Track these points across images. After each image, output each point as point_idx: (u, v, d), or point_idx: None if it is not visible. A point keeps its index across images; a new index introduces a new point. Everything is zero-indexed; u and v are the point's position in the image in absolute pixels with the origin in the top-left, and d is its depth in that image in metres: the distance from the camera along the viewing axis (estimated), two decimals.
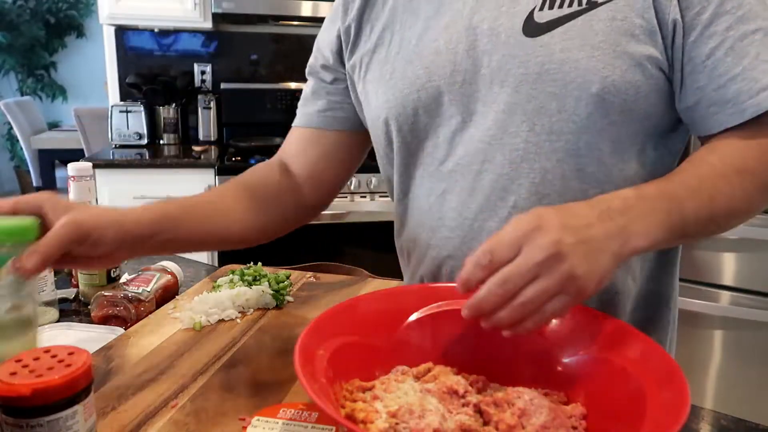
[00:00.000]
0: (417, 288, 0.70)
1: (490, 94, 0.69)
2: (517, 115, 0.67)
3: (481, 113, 0.69)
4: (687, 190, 0.60)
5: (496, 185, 0.70)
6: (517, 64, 0.67)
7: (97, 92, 5.13)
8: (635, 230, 0.55)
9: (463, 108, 0.70)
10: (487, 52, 0.69)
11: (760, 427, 0.62)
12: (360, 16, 0.79)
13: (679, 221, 0.58)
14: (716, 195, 0.60)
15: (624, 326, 0.58)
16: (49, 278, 0.85)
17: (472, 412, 0.52)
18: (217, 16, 2.57)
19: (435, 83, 0.71)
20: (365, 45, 0.79)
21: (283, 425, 0.57)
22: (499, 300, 0.51)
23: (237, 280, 0.91)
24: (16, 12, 5.47)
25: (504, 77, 0.68)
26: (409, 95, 0.73)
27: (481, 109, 0.69)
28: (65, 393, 0.45)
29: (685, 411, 0.44)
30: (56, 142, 4.24)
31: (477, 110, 0.70)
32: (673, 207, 0.58)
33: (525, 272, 0.50)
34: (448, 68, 0.71)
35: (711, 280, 1.91)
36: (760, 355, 1.89)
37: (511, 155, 0.68)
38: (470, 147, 0.70)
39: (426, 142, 0.74)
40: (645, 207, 0.57)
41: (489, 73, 0.69)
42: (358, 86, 0.81)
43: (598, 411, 0.53)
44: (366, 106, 0.81)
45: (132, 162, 2.42)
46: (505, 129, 0.68)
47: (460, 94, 0.70)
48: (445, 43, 0.71)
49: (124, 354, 0.71)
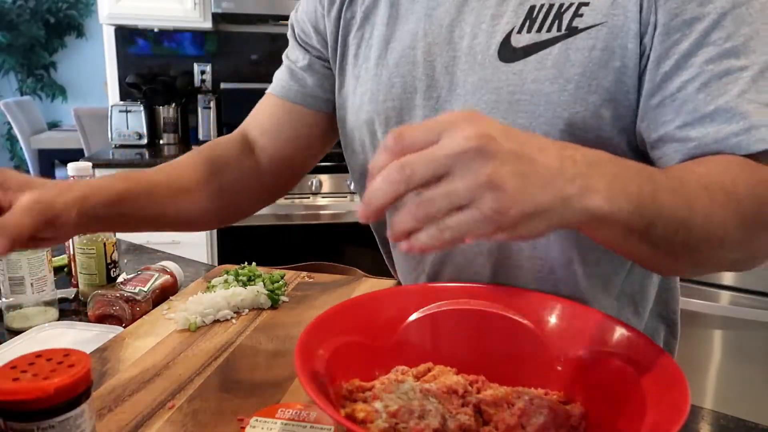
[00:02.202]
0: (417, 288, 0.70)
1: None
2: None
3: None
4: (667, 184, 0.49)
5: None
6: (490, 89, 0.64)
7: (97, 92, 5.14)
8: (598, 186, 0.42)
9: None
10: (464, 72, 0.66)
11: (760, 427, 0.62)
12: (341, 4, 0.76)
13: (651, 204, 0.46)
14: (696, 203, 0.49)
15: (624, 326, 0.58)
16: (49, 278, 0.85)
17: (472, 412, 0.52)
18: (216, 16, 2.58)
19: (410, 96, 0.69)
20: (346, 37, 0.76)
21: (282, 425, 0.56)
22: (393, 190, 0.39)
23: (231, 280, 0.91)
24: (16, 12, 5.47)
25: (477, 102, 0.64)
26: (385, 104, 0.71)
27: None
28: (76, 391, 0.45)
29: (685, 411, 0.43)
30: (56, 142, 4.25)
31: None
32: (648, 188, 0.46)
33: (431, 161, 0.38)
34: (425, 82, 0.68)
35: (711, 280, 1.91)
36: (760, 355, 1.89)
37: None
38: None
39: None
40: (620, 170, 0.45)
41: (464, 94, 0.66)
42: (336, 71, 0.78)
43: (598, 411, 0.53)
44: (341, 99, 0.78)
45: (132, 162, 2.42)
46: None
47: (434, 111, 0.68)
48: (424, 52, 0.68)
49: (119, 355, 0.71)
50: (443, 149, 0.38)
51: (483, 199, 0.38)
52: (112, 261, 0.93)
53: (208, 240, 2.47)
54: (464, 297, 0.65)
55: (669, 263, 0.54)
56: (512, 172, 0.38)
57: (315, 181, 2.43)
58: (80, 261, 0.91)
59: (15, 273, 0.82)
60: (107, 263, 0.92)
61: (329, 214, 2.49)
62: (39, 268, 0.83)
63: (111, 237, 0.92)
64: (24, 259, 0.82)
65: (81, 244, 0.91)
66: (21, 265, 0.82)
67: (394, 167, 0.39)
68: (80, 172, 0.94)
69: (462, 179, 0.38)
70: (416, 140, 0.39)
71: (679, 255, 0.51)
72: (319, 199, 2.47)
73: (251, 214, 0.85)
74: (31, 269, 0.83)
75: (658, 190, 0.47)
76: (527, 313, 0.62)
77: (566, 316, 0.61)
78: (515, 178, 0.38)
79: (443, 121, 0.40)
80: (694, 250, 0.51)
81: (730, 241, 0.51)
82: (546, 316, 0.62)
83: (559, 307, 0.62)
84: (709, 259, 0.54)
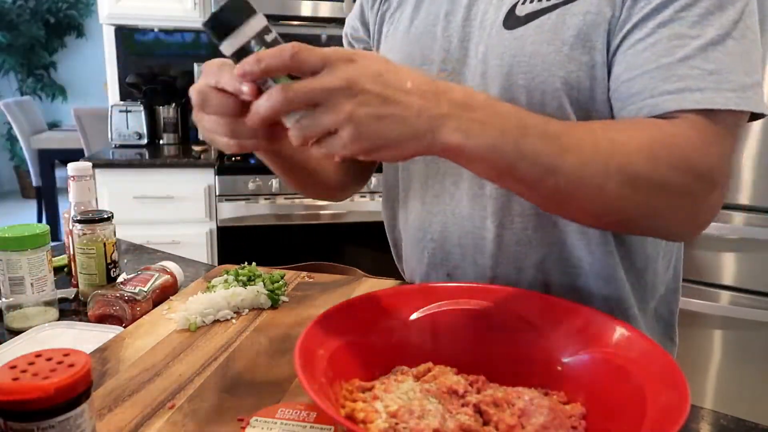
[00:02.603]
0: (417, 288, 0.70)
1: (473, 85, 0.72)
2: None
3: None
4: (540, 131, 0.53)
5: (474, 177, 0.73)
6: (495, 56, 0.69)
7: (97, 92, 5.14)
8: (455, 126, 0.49)
9: None
10: (475, 44, 0.72)
11: (760, 427, 0.62)
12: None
13: (512, 146, 0.51)
14: (570, 152, 0.53)
15: (624, 326, 0.58)
16: (49, 278, 0.85)
17: (472, 412, 0.52)
18: None
19: (427, 67, 0.75)
20: (383, 25, 0.85)
21: (282, 425, 0.56)
22: (275, 107, 0.48)
23: (231, 280, 0.91)
24: (16, 12, 5.47)
25: (485, 69, 0.70)
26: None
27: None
28: (76, 391, 0.45)
29: (685, 411, 0.43)
30: (56, 142, 4.24)
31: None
32: (514, 132, 0.52)
33: (308, 91, 0.47)
34: (441, 55, 0.75)
35: (711, 280, 1.91)
36: (760, 355, 1.89)
37: None
38: None
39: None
40: (489, 113, 0.51)
41: (475, 63, 0.72)
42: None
43: (598, 411, 0.53)
44: None
45: (132, 162, 2.42)
46: None
47: (449, 81, 0.71)
48: (442, 30, 0.75)
49: (119, 356, 0.71)
50: (320, 83, 0.47)
51: (343, 131, 0.48)
52: (112, 261, 0.93)
53: (208, 240, 2.47)
54: (464, 297, 0.65)
55: (552, 206, 0.62)
56: (368, 113, 0.47)
57: None
58: (80, 261, 0.91)
59: (15, 273, 0.82)
60: (107, 263, 0.92)
61: (329, 214, 2.49)
62: (39, 268, 0.83)
63: (111, 237, 0.92)
64: (24, 259, 0.82)
65: (81, 244, 0.91)
66: (21, 265, 0.82)
67: (280, 89, 0.48)
68: (80, 172, 0.94)
69: (327, 113, 0.47)
70: (305, 65, 0.47)
71: (556, 198, 0.57)
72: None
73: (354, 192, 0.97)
74: (31, 269, 0.83)
75: (526, 135, 0.52)
76: (527, 313, 0.62)
77: (566, 316, 0.61)
78: (369, 118, 0.47)
79: (331, 55, 0.48)
80: (571, 196, 0.55)
81: (610, 194, 0.55)
82: (546, 316, 0.62)
83: (559, 307, 0.62)
84: (595, 209, 0.58)
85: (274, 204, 2.44)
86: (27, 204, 5.47)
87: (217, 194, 2.42)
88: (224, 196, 2.41)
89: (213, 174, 2.41)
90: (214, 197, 2.44)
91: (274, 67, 0.48)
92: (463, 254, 0.78)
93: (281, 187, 2.43)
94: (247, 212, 2.43)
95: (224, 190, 2.41)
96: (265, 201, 2.44)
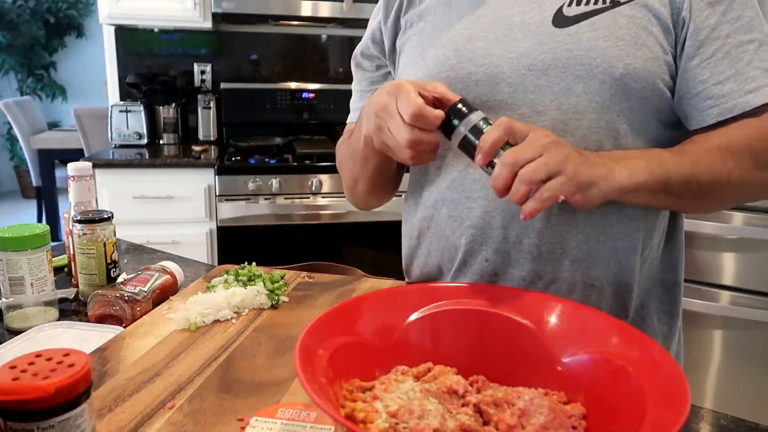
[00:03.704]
0: (417, 288, 0.70)
1: (516, 77, 0.76)
2: (546, 95, 0.74)
3: (508, 93, 0.76)
4: (669, 153, 0.71)
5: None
6: (545, 50, 0.74)
7: (97, 92, 5.13)
8: (619, 170, 0.67)
9: (490, 88, 0.77)
10: (517, 40, 0.76)
11: (760, 427, 0.62)
12: (398, 12, 0.88)
13: (660, 170, 0.69)
14: (698, 161, 0.70)
15: (624, 326, 0.58)
16: (49, 278, 0.85)
17: (472, 412, 0.52)
18: (217, 15, 2.57)
19: (464, 65, 0.78)
20: (401, 37, 0.88)
21: (282, 425, 0.57)
22: (510, 172, 0.63)
23: (231, 280, 0.91)
24: (15, 12, 5.47)
25: (532, 62, 0.75)
26: (438, 74, 0.79)
27: (507, 89, 0.76)
28: (76, 391, 0.45)
29: (685, 411, 0.43)
30: (56, 142, 4.24)
31: (503, 90, 0.76)
32: (654, 159, 0.69)
33: (529, 149, 0.63)
34: (478, 52, 0.78)
35: (711, 280, 1.91)
36: (760, 355, 1.89)
37: None
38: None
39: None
40: (633, 157, 0.69)
41: (516, 57, 0.76)
42: (394, 73, 0.91)
43: (598, 411, 0.53)
44: (399, 75, 0.88)
45: (132, 162, 2.42)
46: (534, 108, 0.75)
47: (486, 76, 0.77)
48: (478, 31, 0.79)
49: (119, 355, 0.71)
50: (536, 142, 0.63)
51: (566, 168, 0.63)
52: (112, 261, 0.93)
53: (208, 240, 2.47)
54: (464, 297, 0.65)
55: (694, 205, 0.79)
56: (577, 157, 0.64)
57: (315, 181, 2.43)
58: (80, 261, 0.91)
59: (15, 273, 0.82)
60: (107, 263, 0.92)
61: (329, 214, 2.49)
62: (39, 268, 0.83)
63: (111, 237, 0.92)
64: (24, 259, 0.82)
65: (81, 244, 0.91)
66: (21, 265, 0.82)
67: (509, 153, 0.63)
68: (80, 172, 0.94)
69: (550, 156, 0.63)
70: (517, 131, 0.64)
71: (698, 197, 0.73)
72: (319, 199, 2.46)
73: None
74: (31, 269, 0.83)
75: (662, 159, 0.70)
76: (527, 313, 0.62)
77: (566, 316, 0.61)
78: (579, 161, 0.64)
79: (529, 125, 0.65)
80: (707, 191, 0.72)
81: (733, 181, 0.72)
82: (546, 316, 0.62)
83: (559, 307, 0.62)
84: (723, 196, 0.75)
85: (274, 204, 2.44)
86: (27, 204, 5.47)
87: (217, 194, 2.42)
88: (224, 196, 2.41)
89: (213, 174, 2.40)
90: (214, 197, 2.43)
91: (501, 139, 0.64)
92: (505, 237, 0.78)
93: (281, 187, 2.43)
94: (247, 212, 2.43)
95: (224, 190, 2.41)
96: (265, 201, 2.43)
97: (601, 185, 0.65)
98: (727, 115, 0.73)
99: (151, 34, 2.87)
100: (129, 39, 2.86)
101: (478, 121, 0.66)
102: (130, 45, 2.87)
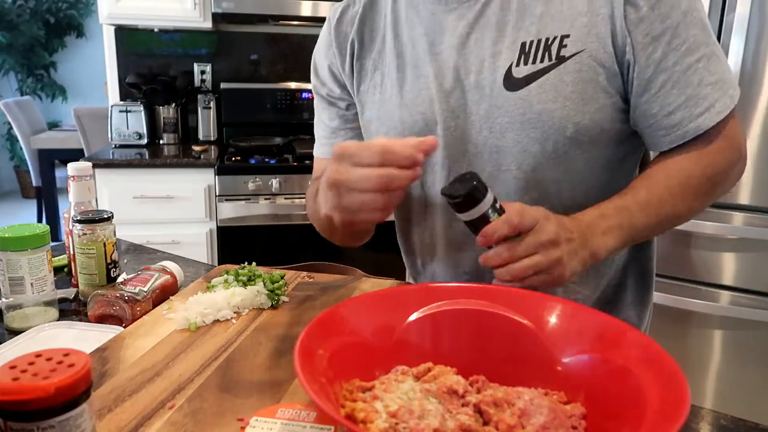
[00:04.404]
0: (417, 288, 0.70)
1: (480, 138, 0.80)
2: (507, 156, 0.79)
3: (473, 154, 0.81)
4: (638, 205, 0.74)
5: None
6: (501, 113, 0.78)
7: (97, 92, 5.13)
8: (597, 244, 0.72)
9: (457, 149, 0.81)
10: (475, 102, 0.80)
11: (760, 427, 0.62)
12: (351, 58, 0.90)
13: (630, 231, 0.74)
14: (663, 206, 0.75)
15: (624, 326, 0.58)
16: (49, 278, 0.85)
17: (472, 412, 0.52)
18: (216, 15, 2.57)
19: (431, 128, 0.82)
20: (363, 83, 0.90)
21: (282, 425, 0.56)
22: (503, 261, 0.66)
23: (231, 280, 0.90)
24: (16, 12, 5.47)
25: (491, 125, 0.79)
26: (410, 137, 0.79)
27: (473, 150, 0.81)
28: (76, 391, 0.45)
29: (685, 411, 0.43)
30: (56, 142, 4.24)
31: (469, 151, 0.81)
32: (626, 221, 0.73)
33: (529, 247, 0.66)
34: (443, 115, 0.81)
35: (711, 280, 1.91)
36: (760, 355, 1.89)
37: (505, 188, 0.80)
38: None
39: (425, 176, 0.86)
40: (604, 225, 0.72)
41: (477, 120, 0.80)
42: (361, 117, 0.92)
43: (598, 411, 0.53)
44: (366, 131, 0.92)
45: (132, 162, 2.42)
46: (498, 167, 0.80)
47: (454, 138, 0.81)
48: (437, 92, 0.81)
49: (119, 355, 0.71)
50: (536, 240, 0.66)
51: (554, 270, 0.67)
52: (112, 261, 0.93)
53: (208, 240, 2.47)
54: (464, 297, 0.65)
55: (662, 232, 0.83)
56: (568, 254, 0.67)
57: None
58: (80, 261, 0.91)
59: (15, 273, 0.82)
60: (107, 263, 0.92)
61: None
62: (39, 268, 0.83)
63: (111, 237, 0.92)
64: (24, 259, 0.82)
65: (81, 244, 0.91)
66: (21, 265, 0.82)
67: (506, 247, 0.66)
68: (80, 172, 0.94)
69: (544, 257, 0.66)
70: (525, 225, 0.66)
71: (666, 229, 0.80)
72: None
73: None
74: (31, 269, 0.83)
75: (633, 217, 0.74)
76: (527, 313, 0.62)
77: (566, 316, 0.61)
78: (569, 258, 0.68)
79: (536, 214, 0.67)
80: (673, 225, 0.79)
81: (694, 211, 0.79)
82: (546, 316, 0.62)
83: (559, 307, 0.62)
84: (684, 221, 0.80)
85: (274, 204, 2.44)
86: (27, 204, 5.47)
87: (217, 194, 2.42)
88: (224, 196, 2.41)
89: (213, 174, 2.41)
90: (214, 197, 2.44)
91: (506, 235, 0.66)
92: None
93: (281, 187, 2.43)
94: (247, 212, 2.43)
95: (224, 190, 2.41)
96: (265, 201, 2.44)
97: (580, 269, 0.70)
98: (680, 142, 0.77)
99: (151, 34, 2.87)
100: (129, 39, 2.86)
101: (487, 209, 0.66)
102: (130, 45, 2.87)
